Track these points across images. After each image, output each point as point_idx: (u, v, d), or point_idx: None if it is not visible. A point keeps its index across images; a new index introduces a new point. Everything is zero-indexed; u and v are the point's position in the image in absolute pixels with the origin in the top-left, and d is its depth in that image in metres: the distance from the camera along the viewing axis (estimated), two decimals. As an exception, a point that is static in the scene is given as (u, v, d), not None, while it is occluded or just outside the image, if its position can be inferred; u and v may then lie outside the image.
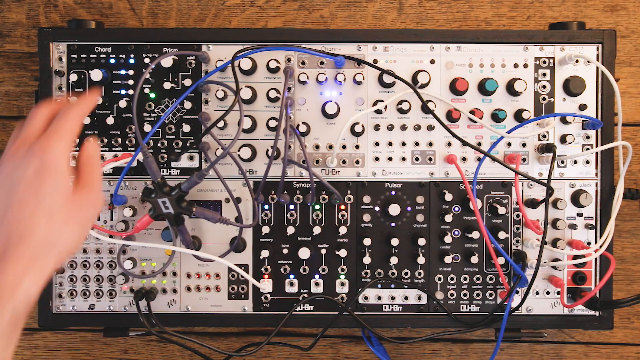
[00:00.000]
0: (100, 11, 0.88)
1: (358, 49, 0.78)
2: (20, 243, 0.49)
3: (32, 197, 0.50)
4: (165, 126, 0.78)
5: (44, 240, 0.50)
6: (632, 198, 0.80)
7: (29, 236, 0.49)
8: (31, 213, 0.50)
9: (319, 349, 0.90)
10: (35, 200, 0.50)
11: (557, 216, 0.78)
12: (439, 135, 0.78)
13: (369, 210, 0.79)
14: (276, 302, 0.79)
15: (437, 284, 0.79)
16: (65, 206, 0.52)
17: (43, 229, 0.50)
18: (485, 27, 0.88)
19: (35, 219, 0.50)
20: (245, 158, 0.76)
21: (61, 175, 0.52)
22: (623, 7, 0.87)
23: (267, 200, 0.78)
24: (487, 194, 0.78)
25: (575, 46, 0.77)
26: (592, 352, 0.89)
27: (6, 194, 0.51)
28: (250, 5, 0.88)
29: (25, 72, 0.88)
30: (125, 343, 0.90)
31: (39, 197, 0.51)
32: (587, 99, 0.78)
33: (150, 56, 0.77)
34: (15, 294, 0.47)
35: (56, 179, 0.52)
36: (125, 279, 0.78)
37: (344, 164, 0.78)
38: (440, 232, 0.78)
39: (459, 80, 0.76)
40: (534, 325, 0.79)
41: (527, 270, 0.77)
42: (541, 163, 0.78)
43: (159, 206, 0.69)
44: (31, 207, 0.50)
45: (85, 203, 0.54)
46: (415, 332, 0.88)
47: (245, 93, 0.75)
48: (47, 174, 0.51)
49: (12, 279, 0.47)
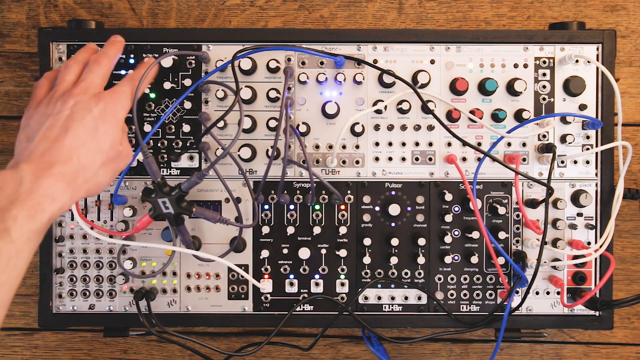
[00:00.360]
0: (100, 11, 0.88)
1: (358, 49, 0.78)
2: (67, 163, 0.57)
3: (90, 132, 0.60)
4: (165, 126, 0.78)
5: (85, 171, 0.59)
6: (632, 198, 0.80)
7: (76, 162, 0.58)
8: (83, 145, 0.59)
9: (319, 349, 0.90)
10: (89, 137, 0.60)
11: (557, 216, 0.78)
12: (439, 135, 0.78)
13: (369, 210, 0.79)
14: (276, 302, 0.79)
15: (437, 284, 0.79)
16: (110, 153, 0.62)
17: (87, 162, 0.59)
18: (485, 27, 0.88)
19: (84, 151, 0.59)
20: (245, 158, 0.76)
21: (117, 125, 0.63)
22: (623, 7, 0.87)
23: (267, 200, 0.78)
24: (487, 194, 0.78)
25: (575, 46, 0.77)
26: (592, 352, 0.89)
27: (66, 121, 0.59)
28: (250, 5, 0.88)
29: (25, 72, 0.88)
30: (125, 343, 0.90)
31: (94, 135, 0.60)
32: (587, 99, 0.78)
33: (150, 56, 0.77)
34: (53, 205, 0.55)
35: (112, 127, 0.62)
36: (125, 279, 0.78)
37: (344, 164, 0.78)
38: (440, 232, 0.78)
39: (459, 80, 0.76)
40: (534, 325, 0.79)
41: (527, 270, 0.77)
42: (541, 163, 0.78)
43: (159, 206, 0.69)
44: (84, 140, 0.59)
45: (123, 155, 0.65)
46: (415, 332, 0.88)
47: (245, 93, 0.75)
48: (107, 120, 0.62)
49: (53, 191, 0.55)
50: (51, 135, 0.58)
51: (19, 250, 0.51)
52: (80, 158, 0.58)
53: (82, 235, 0.78)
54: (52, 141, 0.58)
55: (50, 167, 0.56)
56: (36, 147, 0.57)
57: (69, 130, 0.59)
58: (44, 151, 0.57)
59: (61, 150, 0.57)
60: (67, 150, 0.58)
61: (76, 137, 0.59)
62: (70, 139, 0.58)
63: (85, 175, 0.59)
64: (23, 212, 0.51)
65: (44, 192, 0.54)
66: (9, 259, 0.50)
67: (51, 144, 0.58)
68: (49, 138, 0.58)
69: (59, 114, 0.60)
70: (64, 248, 0.78)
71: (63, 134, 0.58)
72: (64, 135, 0.58)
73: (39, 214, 0.53)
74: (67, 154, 0.58)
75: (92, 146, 0.60)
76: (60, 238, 0.78)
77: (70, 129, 0.59)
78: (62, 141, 0.58)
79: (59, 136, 0.58)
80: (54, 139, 0.58)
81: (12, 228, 0.50)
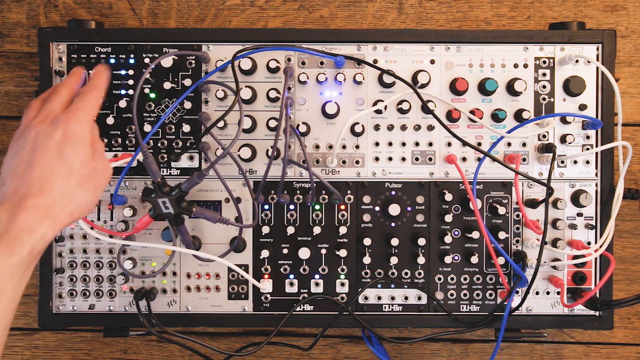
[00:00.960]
0: (100, 11, 0.88)
1: (358, 49, 0.78)
2: (39, 194, 0.57)
3: (55, 158, 0.59)
4: (165, 126, 0.78)
5: (61, 197, 0.59)
6: (632, 198, 0.80)
7: (48, 190, 0.58)
8: (52, 172, 0.59)
9: (319, 349, 0.90)
10: (58, 162, 0.59)
11: (557, 216, 0.78)
12: (439, 135, 0.78)
13: (369, 210, 0.79)
14: (276, 302, 0.79)
15: (437, 284, 0.79)
16: (82, 172, 0.61)
17: (61, 187, 0.59)
18: (485, 27, 0.88)
19: (54, 178, 0.58)
20: (245, 158, 0.76)
21: (83, 143, 0.62)
22: (623, 7, 0.87)
23: (267, 200, 0.78)
24: (487, 194, 0.78)
25: (575, 46, 0.77)
26: (592, 352, 0.89)
27: (30, 154, 0.59)
28: (250, 5, 0.88)
29: (25, 72, 0.88)
30: (125, 343, 0.90)
31: (60, 159, 0.59)
32: (587, 99, 0.78)
33: (150, 56, 0.77)
34: (32, 237, 0.55)
35: (78, 146, 0.61)
36: (125, 279, 0.78)
37: (344, 164, 0.78)
38: (440, 232, 0.78)
39: (459, 80, 0.76)
40: (534, 325, 0.79)
41: (527, 270, 0.77)
42: (541, 163, 0.78)
43: (159, 206, 0.69)
44: (52, 167, 0.59)
45: (99, 171, 0.63)
46: (415, 332, 0.88)
47: (245, 93, 0.75)
48: (71, 141, 0.60)
49: (29, 224, 0.55)
50: (19, 171, 0.59)
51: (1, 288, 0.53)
52: (53, 185, 0.58)
53: (82, 235, 0.78)
54: (20, 177, 0.58)
55: (23, 201, 0.56)
56: (8, 187, 0.58)
57: (34, 162, 0.59)
58: (15, 189, 0.58)
59: (31, 183, 0.58)
60: (37, 181, 0.58)
61: (43, 167, 0.59)
62: (38, 170, 0.58)
63: (63, 200, 0.59)
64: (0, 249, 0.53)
65: (20, 226, 0.55)
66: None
67: (21, 179, 0.58)
68: (17, 175, 0.59)
69: (22, 149, 0.60)
70: (64, 248, 0.78)
71: (30, 167, 0.59)
72: (30, 168, 0.58)
73: (17, 248, 0.54)
74: (38, 185, 0.58)
75: (62, 171, 0.59)
76: (60, 238, 0.78)
77: (35, 160, 0.59)
78: (30, 174, 0.58)
79: (26, 170, 0.58)
80: (22, 175, 0.58)
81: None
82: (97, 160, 0.63)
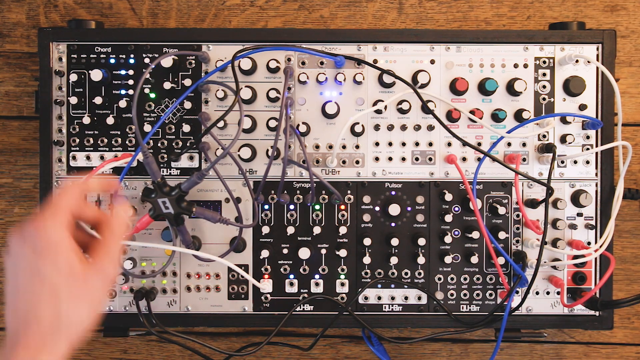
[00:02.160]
0: (100, 11, 0.88)
1: (358, 49, 0.78)
2: (26, 330, 0.49)
3: (32, 281, 0.50)
4: (165, 126, 0.78)
5: (50, 325, 0.49)
6: (632, 198, 0.80)
7: (35, 321, 0.49)
8: (33, 298, 0.49)
9: (319, 349, 0.90)
10: (36, 285, 0.50)
11: (557, 216, 0.78)
12: (439, 135, 0.78)
13: (369, 210, 0.79)
14: (276, 302, 0.79)
15: (437, 284, 0.79)
16: (70, 285, 0.50)
17: (48, 312, 0.49)
18: (485, 27, 0.88)
19: (38, 305, 0.49)
20: (245, 158, 0.76)
21: (60, 253, 0.51)
22: (623, 7, 0.87)
23: (267, 200, 0.78)
24: (487, 194, 0.78)
25: (575, 46, 0.77)
26: (592, 352, 0.89)
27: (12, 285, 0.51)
28: (250, 5, 0.88)
29: (25, 72, 0.88)
30: (125, 343, 0.90)
31: (38, 281, 0.50)
32: (587, 99, 0.78)
33: (150, 56, 0.77)
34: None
35: (55, 258, 0.50)
36: (125, 279, 0.78)
37: (344, 164, 0.78)
38: (440, 232, 0.78)
39: (459, 80, 0.76)
40: (534, 325, 0.79)
41: (527, 270, 0.77)
42: (541, 163, 0.78)
43: (159, 206, 0.69)
44: (32, 292, 0.49)
45: (92, 279, 0.52)
46: (415, 332, 0.88)
47: (245, 93, 0.75)
48: (44, 255, 0.50)
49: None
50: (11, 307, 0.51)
51: None
52: (38, 315, 0.49)
53: (82, 235, 0.78)
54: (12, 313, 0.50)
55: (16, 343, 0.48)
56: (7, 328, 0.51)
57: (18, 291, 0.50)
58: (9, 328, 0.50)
59: (19, 318, 0.49)
60: (22, 316, 0.49)
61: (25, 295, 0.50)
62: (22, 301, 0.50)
63: (54, 327, 0.49)
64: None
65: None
66: None
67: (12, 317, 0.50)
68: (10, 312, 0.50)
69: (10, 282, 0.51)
70: None
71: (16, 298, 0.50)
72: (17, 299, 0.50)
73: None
74: (24, 319, 0.49)
75: (44, 293, 0.49)
76: (60, 238, 0.78)
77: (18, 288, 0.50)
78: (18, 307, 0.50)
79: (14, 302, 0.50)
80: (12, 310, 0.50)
81: None
82: (97, 268, 0.53)
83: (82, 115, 0.77)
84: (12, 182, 0.88)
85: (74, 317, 0.51)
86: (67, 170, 0.78)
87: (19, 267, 0.50)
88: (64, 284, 0.50)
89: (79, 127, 0.77)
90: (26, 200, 0.88)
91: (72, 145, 0.77)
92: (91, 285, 0.52)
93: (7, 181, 0.88)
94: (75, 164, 0.77)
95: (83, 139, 0.77)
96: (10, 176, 0.88)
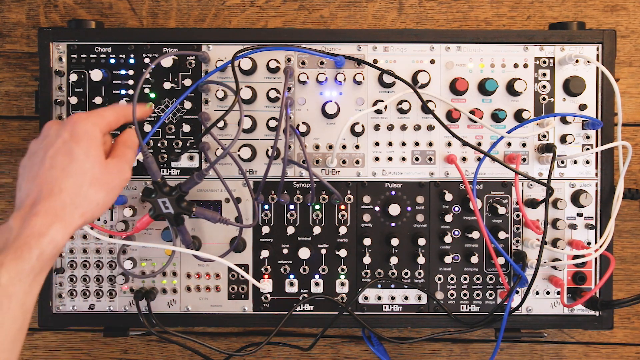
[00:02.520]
0: (100, 11, 0.88)
1: (358, 49, 0.78)
2: (49, 197, 0.56)
3: (64, 158, 0.58)
4: (165, 126, 0.78)
5: (71, 198, 0.57)
6: (632, 198, 0.80)
7: (58, 192, 0.56)
8: (62, 172, 0.57)
9: (319, 349, 0.90)
10: (66, 162, 0.58)
11: (557, 216, 0.78)
12: (439, 135, 0.78)
13: (369, 210, 0.79)
14: (276, 302, 0.79)
15: (437, 284, 0.79)
16: (94, 170, 0.59)
17: (71, 187, 0.57)
18: (485, 27, 0.88)
19: (64, 178, 0.57)
20: (245, 158, 0.76)
21: (92, 142, 0.60)
22: (623, 7, 0.87)
23: (267, 200, 0.78)
24: (487, 194, 0.78)
25: (575, 46, 0.77)
26: (592, 352, 0.89)
27: (42, 155, 0.59)
28: (250, 5, 0.88)
29: (25, 72, 0.88)
30: (125, 343, 0.90)
31: (69, 159, 0.58)
32: (587, 99, 0.78)
33: (150, 56, 0.77)
34: (41, 241, 0.53)
35: (87, 145, 0.59)
36: (125, 279, 0.78)
37: (344, 164, 0.78)
38: (440, 232, 0.78)
39: (459, 80, 0.76)
40: (534, 325, 0.79)
41: (527, 270, 0.77)
42: (541, 163, 0.78)
43: (159, 206, 0.69)
44: (62, 167, 0.58)
45: (113, 170, 0.61)
46: (415, 332, 0.88)
47: (245, 93, 0.75)
48: (79, 140, 0.59)
49: (38, 228, 0.53)
50: (32, 174, 0.58)
51: (9, 294, 0.51)
52: (63, 187, 0.57)
53: (82, 235, 0.78)
54: (32, 180, 0.58)
55: (34, 206, 0.55)
56: (23, 192, 0.58)
57: (44, 163, 0.58)
58: (28, 193, 0.57)
59: (42, 186, 0.57)
60: (47, 183, 0.57)
61: (53, 168, 0.57)
62: (48, 171, 0.57)
63: (74, 201, 0.57)
64: (9, 256, 0.52)
65: (29, 232, 0.53)
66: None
67: (32, 183, 0.57)
68: (30, 178, 0.58)
69: (36, 152, 0.60)
70: (63, 248, 0.78)
71: (41, 169, 0.58)
72: (41, 170, 0.58)
73: (25, 253, 0.52)
74: (48, 187, 0.56)
75: (72, 170, 0.58)
76: (60, 238, 0.78)
77: (45, 161, 0.58)
78: (41, 176, 0.57)
79: (38, 172, 0.58)
80: (34, 178, 0.58)
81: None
82: (113, 161, 0.62)
83: (82, 115, 0.77)
84: (12, 182, 0.88)
85: (92, 198, 0.59)
86: (67, 170, 0.78)
87: (54, 144, 0.59)
88: (89, 168, 0.59)
89: (79, 127, 0.77)
90: (26, 200, 0.87)
91: (72, 145, 0.77)
92: (111, 177, 0.61)
93: (7, 181, 0.88)
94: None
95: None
96: (10, 176, 0.88)
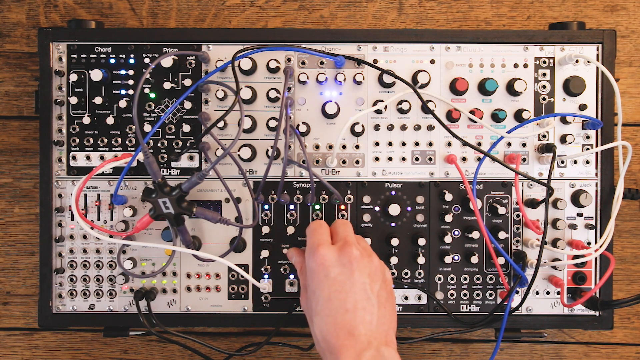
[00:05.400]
0: (100, 11, 0.88)
1: (358, 49, 0.78)
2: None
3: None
4: (165, 126, 0.78)
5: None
6: (632, 198, 0.80)
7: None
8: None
9: (319, 349, 0.89)
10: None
11: (557, 216, 0.78)
12: (439, 135, 0.78)
13: (369, 210, 0.79)
14: (276, 302, 0.79)
15: (437, 284, 0.79)
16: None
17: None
18: (485, 27, 0.88)
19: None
20: (245, 158, 0.76)
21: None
22: (623, 7, 0.87)
23: (267, 200, 0.78)
24: (487, 194, 0.78)
25: (575, 46, 0.77)
26: (592, 352, 0.89)
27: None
28: (250, 5, 0.88)
29: (25, 72, 0.88)
30: (125, 343, 0.90)
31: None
32: (587, 99, 0.78)
33: (150, 56, 0.77)
34: None
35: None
36: (125, 279, 0.78)
37: (344, 164, 0.78)
38: (440, 232, 0.78)
39: (459, 80, 0.76)
40: (534, 325, 0.79)
41: (527, 270, 0.77)
42: (541, 163, 0.78)
43: (159, 206, 0.69)
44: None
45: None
46: (415, 332, 0.88)
47: (245, 93, 0.75)
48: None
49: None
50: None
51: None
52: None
53: (82, 235, 0.78)
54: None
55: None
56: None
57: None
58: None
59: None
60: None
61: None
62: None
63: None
64: None
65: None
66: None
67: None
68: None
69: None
70: (64, 248, 0.78)
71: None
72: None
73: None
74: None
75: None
76: (60, 238, 0.78)
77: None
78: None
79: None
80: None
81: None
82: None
83: (82, 115, 0.77)
84: (12, 182, 0.88)
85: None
86: (67, 171, 0.78)
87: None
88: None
89: (79, 127, 0.77)
90: (26, 200, 0.88)
91: (72, 145, 0.77)
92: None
93: (7, 181, 0.88)
94: (75, 164, 0.77)
95: (83, 139, 0.77)
96: (10, 176, 0.88)
